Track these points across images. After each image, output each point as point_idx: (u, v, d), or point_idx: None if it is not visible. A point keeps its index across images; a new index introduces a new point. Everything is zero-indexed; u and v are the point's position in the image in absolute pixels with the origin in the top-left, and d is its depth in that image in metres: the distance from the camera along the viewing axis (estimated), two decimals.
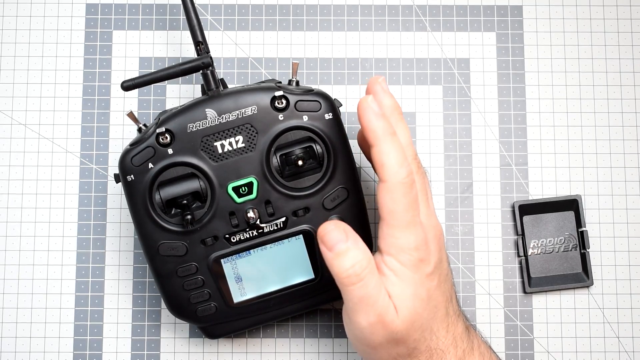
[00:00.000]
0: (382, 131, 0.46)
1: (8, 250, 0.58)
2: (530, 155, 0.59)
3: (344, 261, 0.46)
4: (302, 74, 0.60)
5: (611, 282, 0.58)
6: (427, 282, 0.47)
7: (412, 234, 0.46)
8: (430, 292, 0.47)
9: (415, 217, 0.46)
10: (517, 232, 0.58)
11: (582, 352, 0.58)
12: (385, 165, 0.46)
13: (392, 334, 0.46)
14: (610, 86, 0.60)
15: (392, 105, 0.49)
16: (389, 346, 0.47)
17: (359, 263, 0.45)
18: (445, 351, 0.47)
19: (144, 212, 0.50)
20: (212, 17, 0.60)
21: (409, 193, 0.46)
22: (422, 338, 0.47)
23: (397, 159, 0.46)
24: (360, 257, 0.46)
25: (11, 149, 0.59)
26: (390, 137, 0.47)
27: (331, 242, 0.46)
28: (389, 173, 0.46)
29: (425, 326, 0.47)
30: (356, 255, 0.46)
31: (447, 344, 0.48)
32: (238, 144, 0.49)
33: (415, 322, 0.46)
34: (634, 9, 0.61)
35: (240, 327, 0.54)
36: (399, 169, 0.46)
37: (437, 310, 0.48)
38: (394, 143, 0.46)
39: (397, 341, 0.47)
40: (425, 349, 0.47)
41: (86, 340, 0.58)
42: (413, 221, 0.46)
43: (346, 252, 0.46)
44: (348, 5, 0.61)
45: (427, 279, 0.47)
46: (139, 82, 0.50)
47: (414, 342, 0.47)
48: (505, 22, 0.61)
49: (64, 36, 0.60)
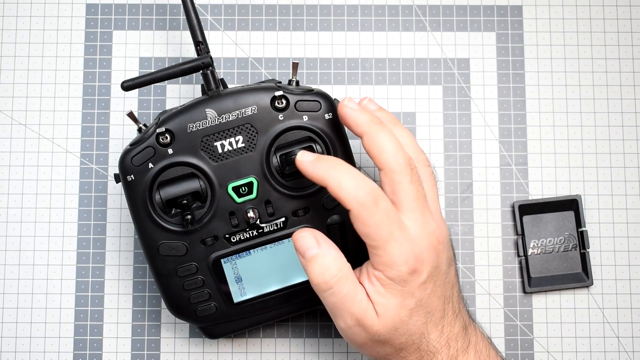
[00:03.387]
0: (368, 122, 0.47)
1: (8, 250, 0.58)
2: (530, 155, 0.59)
3: (314, 267, 0.46)
4: (302, 74, 0.60)
5: (611, 282, 0.58)
6: (418, 292, 0.46)
7: (395, 249, 0.45)
8: (422, 301, 0.46)
9: (394, 232, 0.45)
10: (517, 232, 0.58)
11: (582, 352, 0.58)
12: (380, 157, 0.46)
13: (374, 336, 0.46)
14: (610, 86, 0.60)
15: (385, 116, 0.49)
16: (375, 345, 0.47)
17: (328, 271, 0.46)
18: (435, 353, 0.47)
19: (144, 212, 0.50)
20: (212, 17, 0.60)
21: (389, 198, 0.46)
22: (409, 341, 0.47)
23: (392, 147, 0.46)
24: (330, 265, 0.46)
25: (11, 149, 0.59)
26: (377, 127, 0.47)
27: (302, 248, 0.47)
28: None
29: (412, 331, 0.47)
30: (325, 262, 0.46)
31: (440, 346, 0.47)
32: (238, 144, 0.49)
33: (399, 329, 0.46)
34: (634, 9, 0.61)
35: (240, 327, 0.54)
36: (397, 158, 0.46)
37: (431, 316, 0.47)
38: (382, 131, 0.46)
39: (381, 342, 0.47)
40: (414, 350, 0.47)
41: (86, 340, 0.58)
42: (391, 237, 0.45)
43: (315, 258, 0.46)
44: (348, 5, 0.61)
45: (419, 288, 0.46)
46: (139, 82, 0.50)
47: (400, 345, 0.47)
48: (505, 22, 0.61)
49: (64, 36, 0.60)
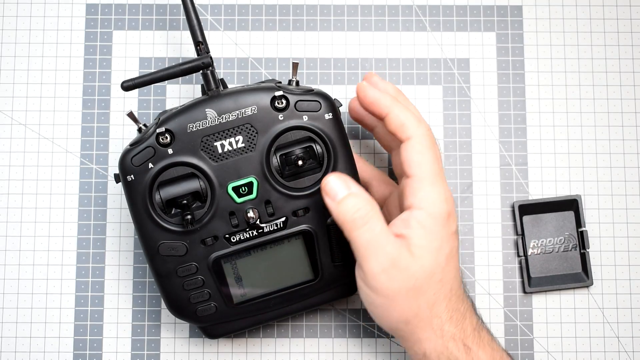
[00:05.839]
0: (390, 99, 0.48)
1: (8, 250, 0.58)
2: (530, 155, 0.59)
3: (347, 206, 0.47)
4: (302, 74, 0.60)
5: (611, 282, 0.58)
6: (452, 240, 0.47)
7: (442, 186, 0.47)
8: (453, 252, 0.47)
9: (442, 169, 0.48)
10: (517, 232, 0.58)
11: (582, 352, 0.58)
12: (405, 123, 0.48)
13: (409, 280, 0.46)
14: (610, 86, 0.60)
15: (394, 90, 0.52)
16: (409, 296, 0.46)
17: (363, 207, 0.47)
18: (464, 314, 0.48)
19: (144, 212, 0.50)
20: (212, 17, 0.60)
21: (434, 145, 0.48)
22: (442, 292, 0.47)
23: (415, 115, 0.48)
24: (364, 203, 0.47)
25: (11, 149, 0.59)
26: (400, 103, 0.49)
27: (333, 191, 0.47)
28: (412, 128, 0.48)
29: (446, 280, 0.47)
30: (359, 201, 0.47)
31: (465, 309, 0.48)
32: (238, 144, 0.49)
33: (436, 274, 0.46)
34: (634, 9, 0.61)
35: (240, 327, 0.54)
36: (420, 123, 0.48)
37: (457, 271, 0.48)
38: (406, 105, 0.49)
39: (416, 290, 0.46)
40: (446, 307, 0.47)
41: (86, 340, 0.58)
42: (441, 173, 0.47)
43: (348, 198, 0.47)
44: (348, 5, 0.61)
45: (452, 236, 0.47)
46: (139, 82, 0.50)
47: (434, 296, 0.46)
48: (505, 22, 0.61)
49: (64, 36, 0.60)
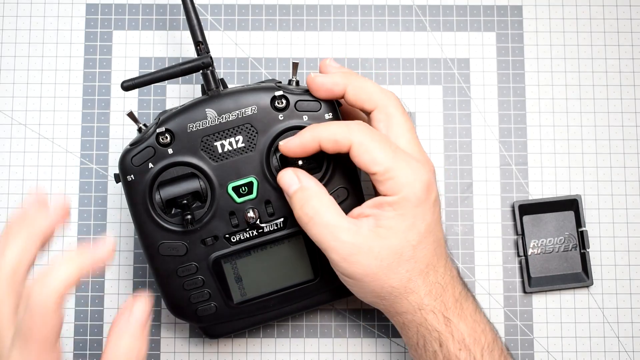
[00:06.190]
0: (341, 75, 0.49)
1: None
2: (530, 155, 0.59)
3: (295, 202, 0.48)
4: (302, 74, 0.60)
5: (611, 282, 0.58)
6: (429, 214, 0.48)
7: (407, 168, 0.47)
8: (431, 227, 0.48)
9: (399, 153, 0.47)
10: (517, 232, 0.58)
11: (582, 352, 0.58)
12: (366, 92, 0.49)
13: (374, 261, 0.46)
14: (610, 86, 0.60)
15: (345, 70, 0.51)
16: (378, 277, 0.47)
17: (308, 201, 0.47)
18: (445, 287, 0.48)
19: (144, 212, 0.50)
20: (212, 17, 0.60)
21: (404, 112, 0.49)
22: (416, 269, 0.47)
23: (376, 85, 0.49)
24: (309, 196, 0.47)
25: (11, 149, 0.59)
26: (356, 75, 0.50)
27: (285, 185, 0.48)
28: (375, 95, 0.49)
29: (419, 258, 0.47)
30: (304, 195, 0.48)
31: (446, 281, 0.48)
32: (238, 144, 0.49)
33: (404, 253, 0.47)
34: (634, 9, 0.61)
35: (240, 327, 0.54)
36: (383, 90, 0.49)
37: (438, 245, 0.48)
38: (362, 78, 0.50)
39: (385, 269, 0.47)
40: (423, 282, 0.48)
41: (86, 340, 0.58)
42: (400, 157, 0.47)
43: (296, 193, 0.48)
44: (348, 5, 0.61)
45: (430, 209, 0.48)
46: (139, 82, 0.50)
47: (407, 273, 0.47)
48: (505, 22, 0.61)
49: (64, 36, 0.60)
